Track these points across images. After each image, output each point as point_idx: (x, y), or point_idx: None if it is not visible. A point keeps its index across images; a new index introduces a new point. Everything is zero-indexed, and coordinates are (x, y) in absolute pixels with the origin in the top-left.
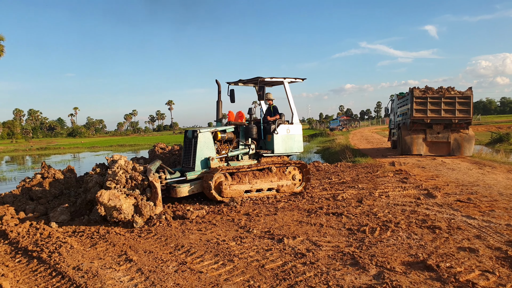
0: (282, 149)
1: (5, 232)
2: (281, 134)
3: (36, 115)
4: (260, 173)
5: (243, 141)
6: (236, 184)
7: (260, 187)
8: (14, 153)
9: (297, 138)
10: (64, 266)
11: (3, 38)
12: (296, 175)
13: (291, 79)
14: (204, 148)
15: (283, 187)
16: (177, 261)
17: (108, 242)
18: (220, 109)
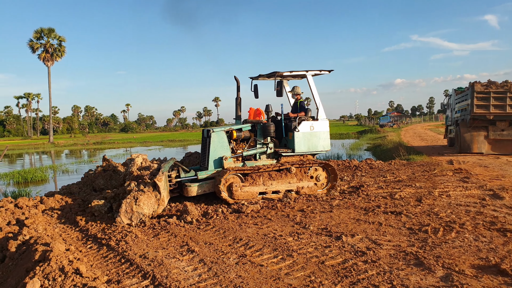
0: (304, 148)
1: (75, 220)
2: (303, 132)
3: (92, 111)
4: (277, 174)
5: (261, 139)
6: (248, 186)
7: (276, 189)
8: (73, 147)
9: (323, 136)
10: (132, 254)
11: (65, 40)
12: (321, 175)
13: (315, 71)
14: (218, 147)
15: (303, 189)
16: (237, 253)
17: (170, 233)
18: (239, 106)
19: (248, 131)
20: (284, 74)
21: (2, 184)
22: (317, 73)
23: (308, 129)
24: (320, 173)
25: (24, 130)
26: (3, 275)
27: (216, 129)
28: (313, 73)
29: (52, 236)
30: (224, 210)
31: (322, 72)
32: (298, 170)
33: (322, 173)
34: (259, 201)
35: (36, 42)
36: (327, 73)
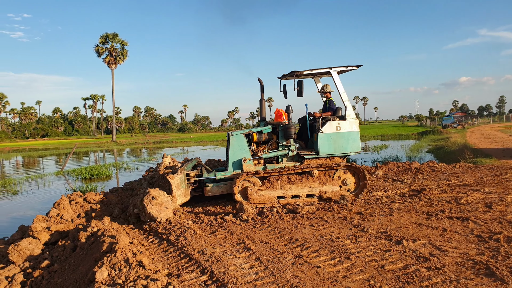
0: (329, 150)
1: (138, 215)
2: (328, 133)
3: (152, 112)
4: (298, 178)
5: (283, 141)
6: (265, 190)
7: (296, 193)
8: (134, 146)
9: (352, 136)
10: (190, 249)
11: (127, 44)
12: (348, 179)
13: (341, 68)
14: (237, 150)
15: (327, 194)
16: (293, 253)
17: (227, 230)
18: (263, 107)
19: (270, 133)
20: (305, 73)
21: (71, 180)
22: (343, 70)
23: (334, 130)
24: (347, 176)
25: (90, 130)
26: (75, 263)
27: (235, 132)
28: (338, 70)
29: (117, 229)
30: (279, 210)
31: (348, 68)
32: (321, 173)
33: (350, 176)
34: (314, 203)
35: (102, 47)
36: (355, 68)
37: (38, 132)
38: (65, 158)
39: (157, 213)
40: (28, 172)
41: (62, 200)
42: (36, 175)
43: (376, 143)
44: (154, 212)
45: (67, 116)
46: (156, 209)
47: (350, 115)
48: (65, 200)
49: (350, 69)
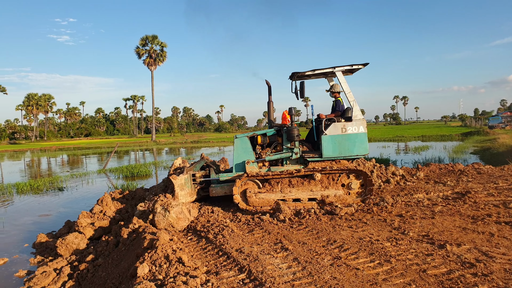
0: (334, 152)
1: None
2: (332, 135)
3: (189, 112)
4: (299, 181)
5: (287, 144)
6: (264, 193)
7: (296, 197)
8: (173, 145)
9: (358, 138)
10: (228, 248)
11: (166, 45)
12: (353, 183)
13: (346, 67)
14: (242, 152)
15: (329, 198)
16: (331, 255)
17: (264, 230)
18: (271, 110)
19: (275, 135)
20: (306, 74)
21: (113, 178)
22: (348, 69)
23: (339, 132)
24: (352, 180)
25: (130, 129)
26: (118, 258)
27: (239, 135)
28: (342, 69)
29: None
30: (317, 211)
31: (354, 67)
32: (325, 177)
33: (355, 180)
34: (353, 204)
35: (142, 49)
36: (362, 67)
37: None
38: (107, 157)
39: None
40: (73, 170)
41: (105, 197)
42: (80, 173)
43: (417, 144)
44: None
45: (108, 116)
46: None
47: (357, 116)
48: (108, 197)
49: (355, 68)
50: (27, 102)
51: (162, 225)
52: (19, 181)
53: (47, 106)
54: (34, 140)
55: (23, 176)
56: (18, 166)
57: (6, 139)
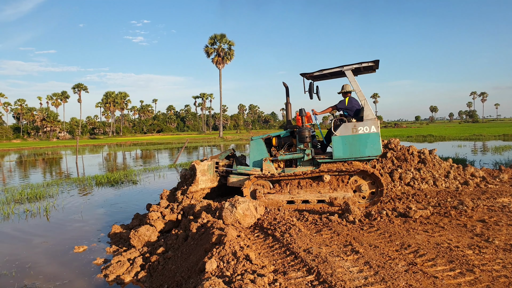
0: (345, 154)
1: None
2: (343, 135)
3: (255, 109)
4: (308, 182)
5: (300, 145)
6: (274, 194)
7: (305, 199)
8: (239, 142)
9: (370, 139)
10: (296, 247)
11: (234, 44)
12: (364, 185)
13: (355, 65)
14: (257, 154)
15: (337, 200)
16: (406, 260)
17: (332, 231)
18: (289, 111)
19: (289, 137)
20: (314, 74)
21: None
22: (357, 67)
23: (349, 132)
24: (362, 182)
25: (199, 126)
26: (187, 252)
27: (255, 137)
28: (351, 68)
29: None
30: (389, 213)
31: (363, 64)
32: (334, 178)
33: (365, 182)
34: (428, 207)
35: (210, 47)
36: (372, 64)
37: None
38: (177, 152)
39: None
40: (145, 164)
41: (176, 192)
42: (152, 167)
43: (497, 143)
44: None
45: (179, 113)
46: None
47: (368, 116)
48: (178, 192)
49: (365, 66)
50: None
51: (229, 220)
52: (97, 174)
53: (122, 103)
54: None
55: (101, 169)
56: (97, 160)
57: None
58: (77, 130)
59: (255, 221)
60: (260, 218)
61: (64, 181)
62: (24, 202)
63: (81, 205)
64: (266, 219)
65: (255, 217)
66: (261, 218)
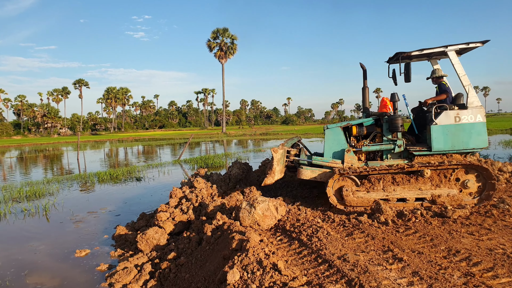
0: (446, 145)
1: None
2: (444, 124)
3: (257, 105)
4: (404, 178)
5: (388, 135)
6: (364, 191)
7: (401, 196)
8: (242, 137)
9: (475, 129)
10: (328, 254)
11: (236, 38)
12: (470, 181)
13: (460, 45)
14: (333, 144)
15: (441, 198)
16: (460, 270)
17: (365, 234)
18: (367, 96)
19: (373, 125)
20: (412, 54)
21: (187, 168)
22: (462, 48)
23: (451, 121)
24: (469, 178)
25: (201, 121)
26: (202, 259)
27: (331, 125)
28: (456, 49)
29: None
30: (424, 212)
31: (470, 45)
32: (435, 173)
33: (473, 178)
34: (466, 205)
35: (213, 42)
36: (480, 45)
37: (156, 123)
38: (179, 148)
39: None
40: (148, 160)
41: (184, 190)
42: (156, 163)
43: (505, 137)
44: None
45: (181, 109)
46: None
47: (474, 103)
48: (187, 189)
49: (472, 46)
50: (107, 95)
51: (247, 222)
52: (100, 170)
53: (124, 99)
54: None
55: (103, 166)
56: (99, 156)
57: (88, 130)
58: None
59: (276, 223)
60: (281, 219)
61: (65, 178)
62: (23, 200)
63: (82, 204)
64: (287, 221)
65: (276, 218)
66: (282, 219)
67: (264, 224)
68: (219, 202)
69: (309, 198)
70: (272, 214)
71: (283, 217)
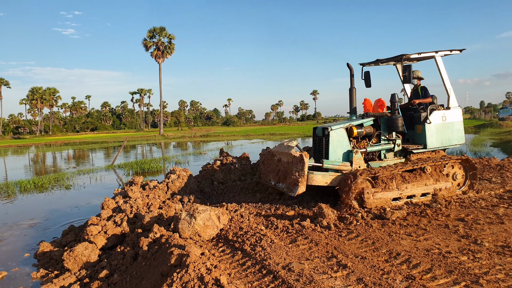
0: (437, 142)
1: None
2: (435, 123)
3: (197, 106)
4: (411, 175)
5: (386, 135)
6: (381, 192)
7: (411, 193)
8: (182, 139)
9: (456, 127)
10: (273, 264)
11: (174, 37)
12: (458, 173)
13: (445, 52)
14: (338, 147)
15: (441, 191)
16: (401, 273)
17: (309, 240)
18: (354, 97)
19: (371, 126)
20: (412, 56)
21: (122, 174)
22: (447, 54)
23: (440, 120)
24: (456, 170)
25: (137, 123)
26: (138, 276)
27: (334, 126)
28: (442, 54)
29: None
30: (364, 215)
31: (452, 52)
32: (432, 169)
33: (459, 170)
34: (403, 206)
35: (149, 41)
36: (458, 52)
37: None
38: (114, 152)
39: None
40: (79, 165)
41: (118, 200)
42: (88, 169)
43: None
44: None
45: (115, 110)
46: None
47: (454, 104)
48: (120, 200)
49: (454, 53)
50: (31, 96)
51: (187, 233)
52: (22, 179)
53: (52, 100)
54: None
55: (27, 173)
56: (22, 162)
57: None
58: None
59: (218, 232)
60: (223, 228)
61: None
62: None
63: (0, 218)
64: (230, 230)
65: (218, 227)
66: (224, 228)
67: (206, 234)
68: (156, 213)
69: (253, 202)
70: (214, 223)
71: (226, 226)
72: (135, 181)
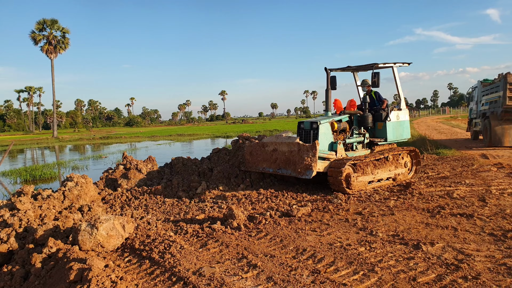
0: (393, 137)
1: None
2: (393, 121)
3: (96, 105)
4: (378, 163)
5: (357, 130)
6: (361, 176)
7: (380, 177)
8: (79, 142)
9: (406, 124)
10: (183, 270)
11: (68, 31)
12: (408, 162)
13: (400, 63)
14: (324, 139)
15: (399, 176)
16: (308, 268)
17: (219, 242)
18: (329, 98)
19: (346, 122)
20: (380, 65)
21: (8, 183)
22: (401, 65)
23: (395, 119)
24: (407, 159)
25: (25, 125)
26: None
27: (322, 120)
28: (398, 65)
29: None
30: (272, 213)
31: (404, 64)
32: (393, 158)
33: (408, 159)
34: (308, 203)
35: (39, 34)
36: (407, 65)
37: None
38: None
39: (98, 248)
40: None
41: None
42: None
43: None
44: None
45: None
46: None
47: (404, 106)
48: (6, 213)
49: (404, 65)
50: None
51: (88, 245)
52: None
53: None
54: None
55: None
56: None
57: None
58: None
59: (123, 242)
60: (129, 237)
61: None
62: None
63: None
64: (136, 238)
65: (123, 236)
66: (130, 237)
67: (109, 245)
68: (51, 225)
69: (161, 208)
70: (118, 233)
71: (131, 235)
72: (25, 191)
